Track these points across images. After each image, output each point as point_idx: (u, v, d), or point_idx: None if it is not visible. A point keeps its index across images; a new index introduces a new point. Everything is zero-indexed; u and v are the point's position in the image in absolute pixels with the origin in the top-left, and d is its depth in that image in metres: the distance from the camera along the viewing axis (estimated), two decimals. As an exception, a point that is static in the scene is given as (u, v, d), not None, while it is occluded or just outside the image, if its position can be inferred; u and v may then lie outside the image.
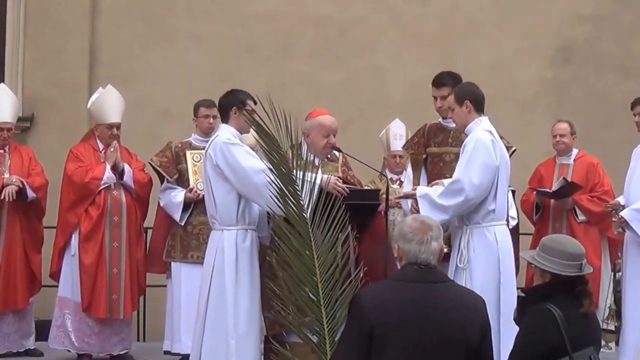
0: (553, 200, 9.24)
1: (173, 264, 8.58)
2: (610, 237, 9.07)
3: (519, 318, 5.17)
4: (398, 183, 9.09)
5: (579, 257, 5.10)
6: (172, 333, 8.55)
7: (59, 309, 8.64)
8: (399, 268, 4.76)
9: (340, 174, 7.55)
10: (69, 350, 8.64)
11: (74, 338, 8.56)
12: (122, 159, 8.60)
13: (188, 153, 8.62)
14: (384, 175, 8.36)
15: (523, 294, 5.32)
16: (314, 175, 6.18)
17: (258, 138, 6.09)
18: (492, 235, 6.90)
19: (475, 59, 11.56)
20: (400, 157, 8.90)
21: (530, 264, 5.24)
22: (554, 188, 9.17)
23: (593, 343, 5.06)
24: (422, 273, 4.65)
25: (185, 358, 8.03)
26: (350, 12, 11.86)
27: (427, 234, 4.68)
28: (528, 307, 5.11)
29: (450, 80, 7.69)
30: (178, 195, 8.51)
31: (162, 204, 8.67)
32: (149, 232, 9.04)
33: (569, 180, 9.15)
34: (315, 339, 5.55)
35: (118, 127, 8.69)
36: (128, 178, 8.61)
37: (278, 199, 5.87)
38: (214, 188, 7.02)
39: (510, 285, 6.87)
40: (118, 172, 8.56)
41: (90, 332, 8.56)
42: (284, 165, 5.84)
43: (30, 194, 8.61)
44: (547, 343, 4.94)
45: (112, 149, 8.57)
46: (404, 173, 8.76)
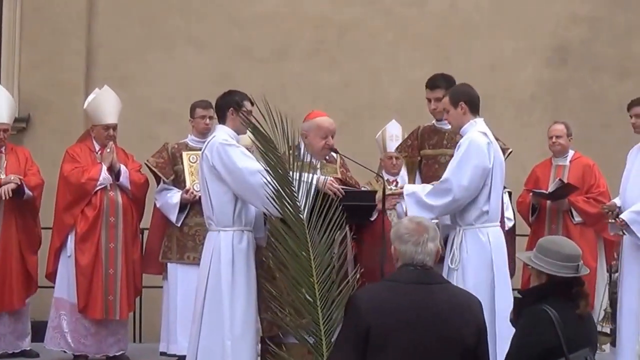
0: (549, 202, 9.24)
1: (169, 265, 8.58)
2: (607, 238, 9.07)
3: (515, 319, 5.17)
4: (394, 184, 9.08)
5: (576, 258, 5.10)
6: (168, 334, 8.55)
7: (55, 310, 8.64)
8: (396, 269, 4.76)
9: (339, 175, 7.56)
10: (65, 351, 8.63)
11: (70, 339, 8.55)
12: (118, 160, 8.59)
13: (184, 154, 8.61)
14: (381, 177, 8.34)
15: (519, 295, 5.31)
16: (310, 176, 6.17)
17: (254, 139, 6.09)
18: (485, 237, 6.88)
19: (472, 61, 11.56)
20: (397, 158, 8.88)
21: (527, 265, 5.24)
22: (550, 189, 9.17)
23: (589, 344, 5.07)
24: (418, 274, 4.65)
25: (182, 359, 8.02)
26: (347, 13, 11.85)
27: (423, 235, 4.69)
28: (524, 308, 5.11)
29: (444, 82, 7.70)
30: (174, 196, 8.51)
31: (158, 205, 8.67)
32: (145, 233, 9.04)
33: (565, 182, 9.15)
34: (312, 340, 5.55)
35: (114, 128, 8.68)
36: (124, 179, 8.60)
37: (274, 200, 5.87)
38: (210, 189, 7.01)
39: (504, 287, 6.85)
40: (114, 173, 8.55)
41: (87, 333, 8.55)
42: (280, 167, 5.84)
43: (27, 192, 8.60)
44: (543, 344, 4.94)
45: (108, 150, 8.56)
46: (400, 174, 8.75)
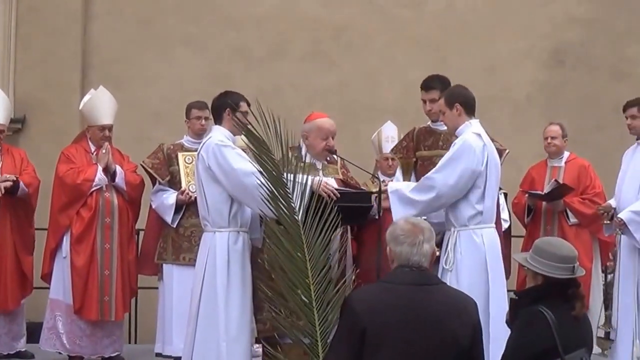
0: (544, 203, 9.24)
1: (165, 266, 8.56)
2: (602, 239, 9.08)
3: (511, 320, 5.17)
4: (389, 186, 9.07)
5: (571, 259, 5.10)
6: (163, 335, 8.54)
7: (51, 311, 8.62)
8: (391, 270, 4.76)
9: (340, 176, 7.58)
10: (60, 353, 8.61)
11: (66, 340, 8.53)
12: (114, 161, 8.57)
13: (180, 155, 8.60)
14: (377, 178, 8.34)
15: (515, 297, 5.31)
16: (305, 178, 6.17)
17: (247, 142, 6.09)
18: (479, 238, 6.86)
19: (469, 62, 11.57)
20: (393, 159, 8.88)
21: (523, 266, 5.24)
22: (546, 190, 9.18)
23: (585, 345, 5.07)
24: (413, 275, 4.65)
25: (177, 360, 8.03)
26: (343, 15, 11.86)
27: (418, 237, 4.69)
28: (520, 309, 5.11)
29: (439, 84, 7.70)
30: (170, 197, 8.50)
31: (154, 206, 8.66)
32: (141, 234, 9.03)
33: (561, 182, 9.15)
34: (308, 341, 5.55)
35: (110, 128, 8.66)
36: (120, 180, 8.58)
37: (269, 202, 5.86)
38: (206, 190, 7.00)
39: (499, 288, 6.84)
40: (110, 173, 8.53)
41: (82, 334, 8.53)
42: (274, 168, 5.83)
43: (22, 187, 8.55)
44: (539, 345, 4.94)
45: (103, 151, 8.54)
46: (396, 176, 8.75)
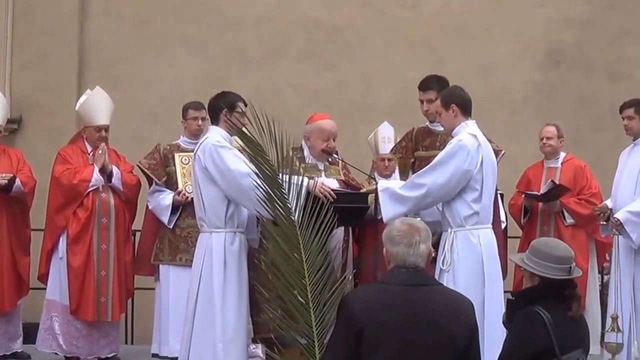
0: (541, 204, 9.24)
1: (161, 267, 8.55)
2: (598, 240, 9.08)
3: (508, 321, 5.17)
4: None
5: (568, 260, 5.10)
6: (160, 336, 8.52)
7: (47, 312, 8.61)
8: (387, 271, 4.76)
9: (342, 177, 7.60)
10: (57, 353, 8.61)
11: (62, 341, 8.53)
12: (110, 161, 8.57)
13: (176, 155, 8.60)
14: (373, 179, 8.33)
15: (512, 297, 5.31)
16: (300, 179, 6.18)
17: (242, 144, 6.10)
18: (476, 239, 6.86)
19: (465, 63, 11.56)
20: (389, 160, 8.88)
21: (520, 267, 5.24)
22: (542, 191, 9.17)
23: (581, 346, 5.07)
24: (410, 276, 4.65)
25: (173, 361, 8.02)
26: (340, 15, 11.85)
27: (415, 237, 4.68)
28: (517, 310, 5.11)
29: (436, 84, 7.70)
30: (166, 198, 8.49)
31: (150, 207, 8.65)
32: (137, 234, 9.02)
33: (557, 183, 9.15)
34: (304, 342, 5.55)
35: (106, 129, 8.66)
36: (116, 180, 8.58)
37: (265, 203, 5.86)
38: (203, 190, 7.00)
39: (495, 289, 6.85)
40: (106, 174, 8.53)
41: (78, 335, 8.53)
42: (269, 169, 5.83)
43: (18, 186, 8.52)
44: (535, 346, 4.94)
45: (100, 151, 8.53)
46: (393, 176, 8.74)
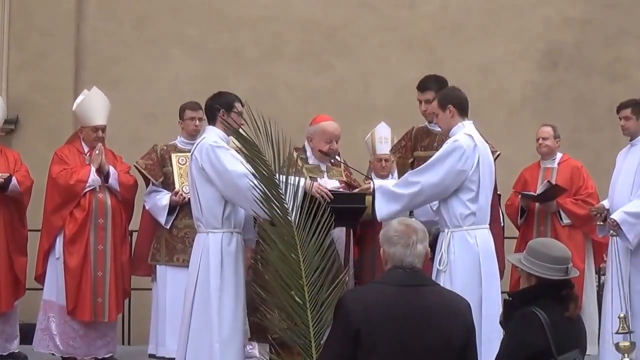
0: (537, 204, 9.23)
1: (158, 267, 8.55)
2: (595, 240, 9.07)
3: (505, 322, 5.17)
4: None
5: (565, 260, 5.09)
6: (156, 336, 8.53)
7: (44, 312, 8.60)
8: (385, 271, 4.75)
9: (344, 178, 7.60)
10: (54, 354, 8.60)
11: (59, 341, 8.52)
12: (107, 162, 8.56)
13: (173, 156, 8.59)
14: (370, 179, 8.33)
15: (509, 298, 5.31)
16: (297, 179, 6.18)
17: (238, 145, 6.10)
18: (473, 239, 6.85)
19: (463, 63, 11.56)
20: (386, 160, 8.88)
21: (517, 268, 5.24)
22: (539, 191, 9.17)
23: (578, 346, 5.06)
24: (407, 276, 4.65)
25: (170, 361, 8.02)
26: (337, 16, 11.85)
27: (412, 237, 4.68)
28: (514, 310, 5.10)
29: (435, 84, 7.69)
30: (163, 198, 8.49)
31: (147, 207, 8.65)
32: (134, 235, 9.01)
33: (554, 183, 9.14)
34: (301, 342, 5.54)
35: (103, 129, 8.65)
36: (113, 180, 8.57)
37: (262, 203, 5.86)
38: (200, 190, 6.99)
39: (492, 289, 6.84)
40: (103, 174, 8.52)
41: (75, 335, 8.52)
42: (266, 170, 5.83)
43: (14, 184, 8.50)
44: (532, 346, 4.94)
45: (97, 152, 8.53)
46: (390, 176, 8.74)
